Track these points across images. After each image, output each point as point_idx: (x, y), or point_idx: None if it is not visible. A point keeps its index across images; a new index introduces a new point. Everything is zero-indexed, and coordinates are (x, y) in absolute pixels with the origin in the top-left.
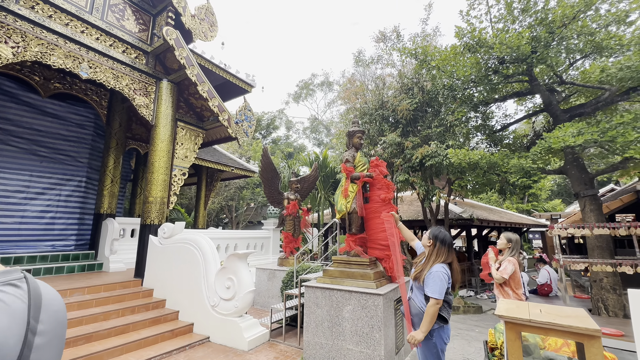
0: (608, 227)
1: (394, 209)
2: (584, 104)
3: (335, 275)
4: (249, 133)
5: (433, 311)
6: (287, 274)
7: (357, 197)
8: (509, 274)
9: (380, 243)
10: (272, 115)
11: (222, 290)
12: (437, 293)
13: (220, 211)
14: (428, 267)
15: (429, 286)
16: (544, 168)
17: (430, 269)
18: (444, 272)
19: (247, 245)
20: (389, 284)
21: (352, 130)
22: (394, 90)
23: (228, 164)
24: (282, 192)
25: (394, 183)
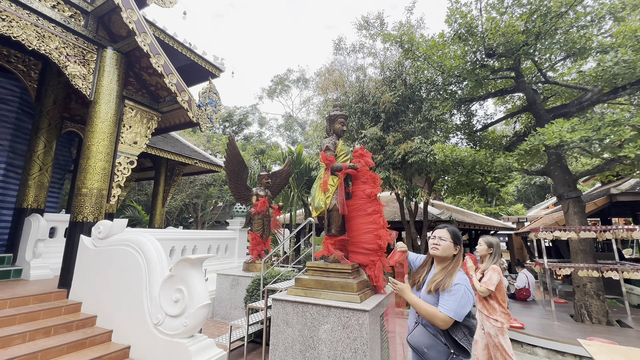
0: (594, 231)
1: (381, 206)
2: (567, 104)
3: (310, 285)
4: (213, 119)
5: (434, 318)
6: (253, 281)
7: (339, 191)
8: (494, 284)
9: (365, 247)
10: (244, 111)
11: (169, 305)
12: (452, 311)
13: (183, 210)
14: (452, 277)
15: (447, 301)
16: (527, 169)
17: (454, 280)
18: (468, 287)
19: (209, 247)
20: (374, 295)
21: (333, 114)
22: (375, 83)
23: (191, 157)
24: (251, 188)
25: None
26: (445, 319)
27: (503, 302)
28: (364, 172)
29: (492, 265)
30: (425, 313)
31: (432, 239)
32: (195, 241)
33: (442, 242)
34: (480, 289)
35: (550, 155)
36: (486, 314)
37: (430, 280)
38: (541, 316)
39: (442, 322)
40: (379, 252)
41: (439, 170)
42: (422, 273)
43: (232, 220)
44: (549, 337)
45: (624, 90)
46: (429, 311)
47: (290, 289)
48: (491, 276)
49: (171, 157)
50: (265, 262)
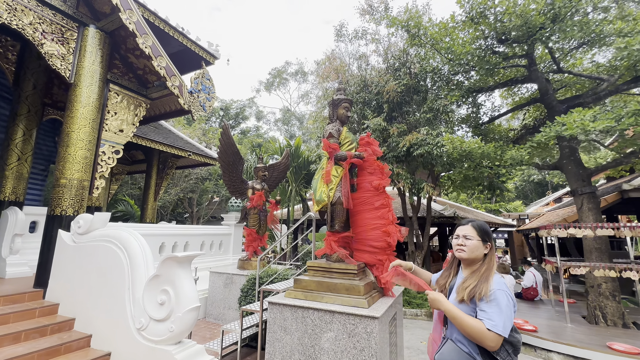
0: (612, 228)
1: (390, 199)
2: (581, 95)
3: (311, 287)
4: (206, 106)
5: (482, 337)
6: (248, 280)
7: (343, 183)
8: None
9: (372, 244)
10: (241, 104)
11: (154, 307)
12: (500, 327)
13: (178, 204)
14: (489, 282)
15: (491, 314)
16: (538, 163)
17: (492, 285)
18: (509, 293)
19: (202, 243)
20: (382, 298)
21: (337, 98)
22: (378, 72)
23: (185, 149)
24: (246, 181)
25: None
26: (494, 338)
27: None
28: (371, 162)
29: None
30: (471, 330)
31: (455, 238)
32: (187, 237)
33: (467, 241)
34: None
35: (563, 149)
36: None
37: (461, 286)
38: (551, 317)
39: (493, 342)
40: (388, 250)
41: (445, 164)
42: (447, 278)
43: (227, 215)
44: (566, 342)
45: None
46: (475, 328)
47: (288, 290)
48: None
49: (163, 148)
50: (261, 259)
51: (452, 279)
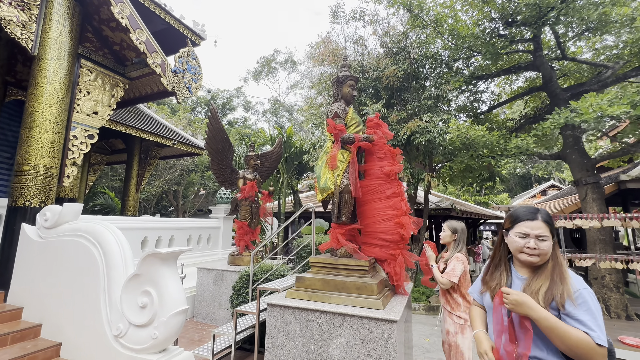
0: (620, 219)
1: (402, 187)
2: (584, 82)
3: (316, 286)
4: (192, 88)
5: (590, 352)
6: (241, 277)
7: (351, 168)
8: (458, 276)
9: (383, 237)
10: (228, 94)
11: (134, 311)
12: (604, 338)
13: (163, 197)
14: (567, 281)
15: (589, 324)
16: (541, 153)
17: (574, 284)
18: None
19: (189, 237)
20: (394, 297)
21: (342, 75)
22: (376, 57)
23: (169, 137)
24: (237, 170)
25: None
26: (603, 354)
27: (468, 296)
28: (381, 145)
29: (457, 254)
30: (577, 345)
31: (520, 238)
32: (172, 231)
33: (542, 244)
34: (441, 280)
35: (566, 138)
36: (449, 309)
37: (532, 289)
38: None
39: (602, 357)
40: (401, 243)
41: (447, 153)
42: (499, 278)
43: (216, 207)
44: None
45: None
46: (582, 342)
47: (290, 290)
48: (454, 266)
49: (145, 136)
50: (254, 255)
51: (507, 280)
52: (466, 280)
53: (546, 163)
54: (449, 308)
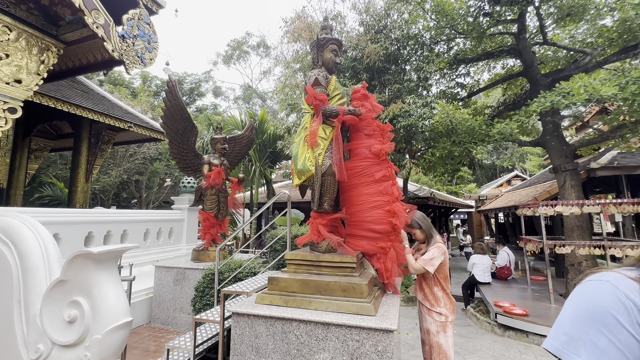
0: (601, 205)
1: (394, 169)
2: (564, 69)
3: (293, 289)
4: (146, 59)
5: None
6: (205, 276)
7: (334, 147)
8: (435, 265)
9: (371, 228)
10: (196, 79)
11: (58, 328)
12: None
13: (123, 188)
14: None
15: None
16: (521, 139)
17: None
18: None
19: (146, 232)
20: (385, 297)
21: (322, 38)
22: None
23: (124, 119)
24: (201, 155)
25: None
26: None
27: (447, 289)
28: (369, 121)
29: (438, 243)
30: None
31: None
32: (125, 224)
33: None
34: (414, 266)
35: (546, 125)
36: (428, 306)
37: None
38: (532, 297)
39: None
40: (392, 235)
41: (428, 139)
42: None
43: (179, 197)
44: None
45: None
46: None
47: (261, 294)
48: (434, 254)
49: (95, 117)
50: (221, 249)
51: None
52: (444, 271)
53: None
54: (428, 304)
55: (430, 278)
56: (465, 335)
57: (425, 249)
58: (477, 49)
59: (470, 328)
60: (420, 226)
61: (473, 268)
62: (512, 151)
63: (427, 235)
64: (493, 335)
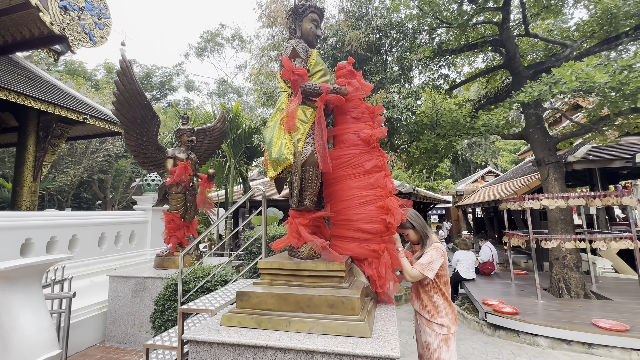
0: (585, 197)
1: (386, 158)
2: (544, 61)
3: (268, 306)
4: (96, 37)
5: None
6: (166, 287)
7: (316, 132)
8: (435, 270)
9: (361, 228)
10: (167, 72)
11: None
12: None
13: (84, 188)
14: None
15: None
16: (504, 132)
17: None
18: None
19: (101, 236)
20: (377, 309)
21: (301, 4)
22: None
23: (77, 110)
24: (165, 148)
25: None
26: None
27: (448, 295)
28: (357, 101)
29: (435, 243)
30: None
31: None
32: (74, 228)
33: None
34: (411, 272)
35: (529, 117)
36: (427, 317)
37: None
38: (517, 293)
39: None
40: (386, 235)
41: (412, 132)
42: None
43: (142, 197)
44: (554, 324)
45: (628, 37)
46: None
47: (228, 314)
48: (432, 257)
49: (42, 107)
50: (187, 254)
51: None
52: (445, 275)
53: (484, 151)
54: (427, 315)
55: (428, 284)
56: None
57: (420, 251)
58: (460, 39)
59: (458, 328)
60: (413, 226)
61: (457, 264)
62: (485, 147)
63: (421, 236)
64: (483, 335)
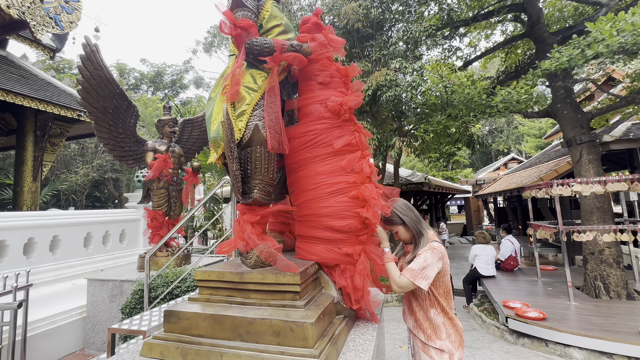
0: (628, 181)
1: (364, 133)
2: (574, 25)
3: (200, 330)
4: (63, 22)
5: None
6: (134, 293)
7: (267, 100)
8: (430, 277)
9: (330, 225)
10: (177, 70)
11: None
12: None
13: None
14: None
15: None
16: (527, 110)
17: None
18: None
19: (87, 236)
20: (353, 330)
21: None
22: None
23: (72, 107)
24: (144, 141)
25: None
26: None
27: (450, 310)
28: (325, 62)
29: (431, 242)
30: None
31: None
32: (55, 229)
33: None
34: (398, 281)
35: (556, 90)
36: (423, 339)
37: None
38: (545, 293)
39: None
40: (363, 234)
41: (419, 114)
42: None
43: (133, 194)
44: (591, 334)
45: None
46: None
47: (150, 340)
48: (426, 260)
49: (34, 105)
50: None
51: None
52: (445, 287)
53: (506, 137)
54: (422, 337)
55: (424, 296)
56: (470, 345)
57: (412, 253)
58: (474, 5)
59: (475, 334)
60: (402, 221)
61: (475, 260)
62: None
63: (414, 234)
64: (504, 343)
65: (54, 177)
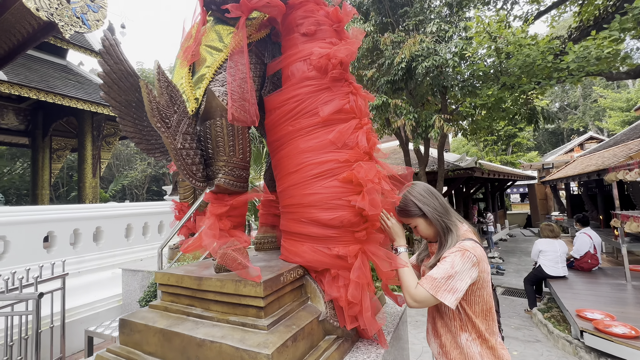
0: None
1: (361, 96)
2: None
3: (150, 347)
4: (90, 20)
5: None
6: (150, 286)
7: (231, 62)
8: (460, 290)
9: (316, 218)
10: None
11: None
12: None
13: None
14: None
15: None
16: (612, 72)
17: None
18: None
19: (127, 227)
20: (344, 355)
21: None
22: None
23: None
24: None
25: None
26: None
27: (491, 336)
28: (309, 6)
29: (463, 242)
30: None
31: None
32: (97, 220)
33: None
34: (413, 293)
35: None
36: None
37: None
38: (635, 301)
39: None
40: (359, 230)
41: (465, 87)
42: None
43: (169, 187)
44: None
45: None
46: None
47: (104, 353)
48: (453, 266)
49: (86, 107)
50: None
51: None
52: (484, 303)
53: (582, 113)
54: None
55: (452, 315)
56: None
57: (436, 255)
58: None
59: (539, 347)
60: (421, 211)
61: (539, 257)
62: (585, 108)
63: (440, 228)
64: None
65: (119, 173)
